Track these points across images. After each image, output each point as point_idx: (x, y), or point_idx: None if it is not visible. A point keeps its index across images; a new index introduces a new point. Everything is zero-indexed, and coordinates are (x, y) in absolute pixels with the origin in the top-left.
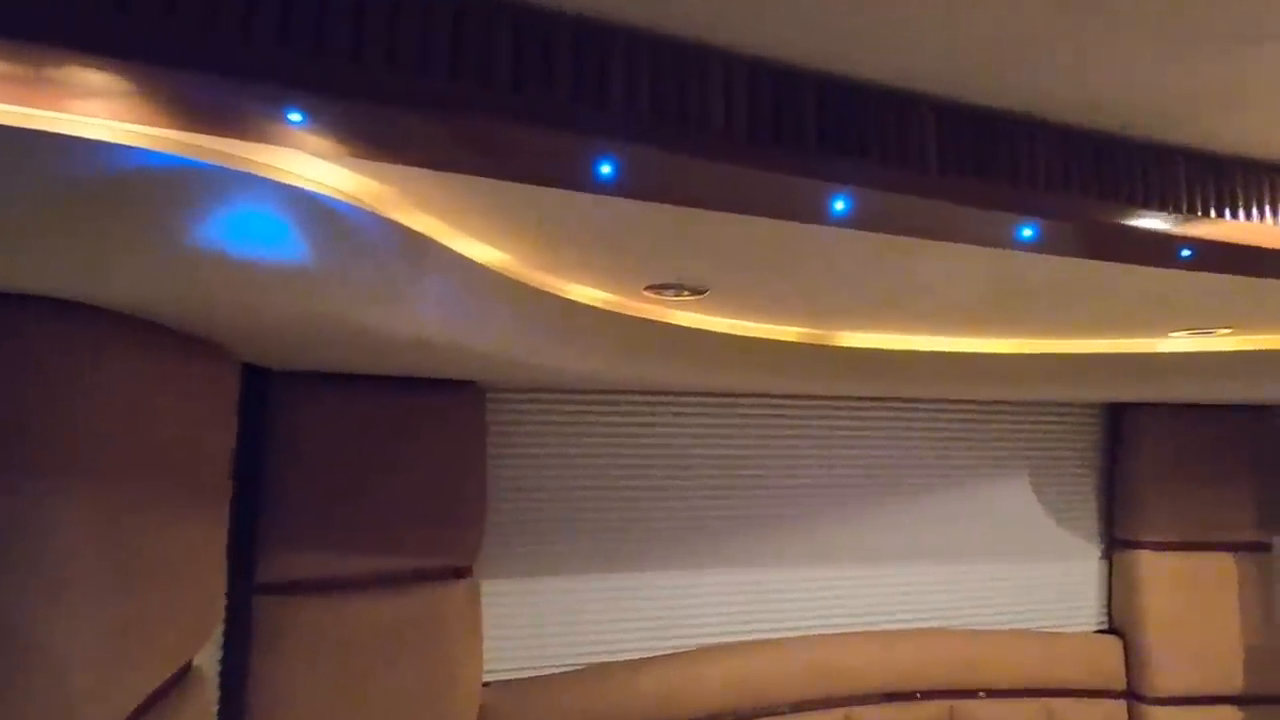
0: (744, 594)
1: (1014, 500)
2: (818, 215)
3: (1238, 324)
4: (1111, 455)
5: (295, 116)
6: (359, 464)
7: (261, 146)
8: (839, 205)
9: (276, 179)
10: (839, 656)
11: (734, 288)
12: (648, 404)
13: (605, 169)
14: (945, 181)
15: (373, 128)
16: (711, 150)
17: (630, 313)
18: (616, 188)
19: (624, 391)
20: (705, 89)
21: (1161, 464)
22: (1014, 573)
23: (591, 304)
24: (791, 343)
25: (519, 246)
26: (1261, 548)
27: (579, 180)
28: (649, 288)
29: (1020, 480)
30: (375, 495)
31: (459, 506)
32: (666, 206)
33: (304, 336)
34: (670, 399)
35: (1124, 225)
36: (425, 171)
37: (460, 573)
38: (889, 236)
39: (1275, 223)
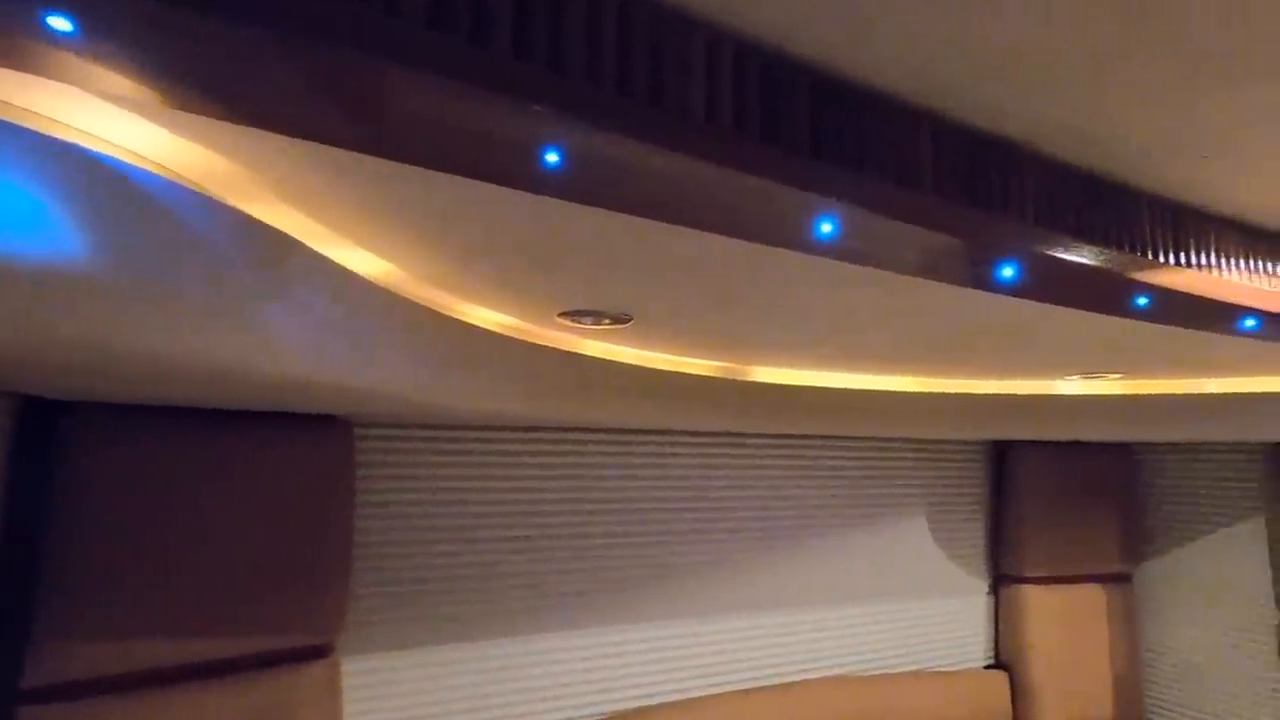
0: (643, 654)
1: (909, 538)
2: (800, 237)
3: (1127, 369)
4: (997, 491)
5: (61, 23)
6: (181, 523)
7: (8, 75)
8: (825, 227)
9: (32, 128)
10: (742, 717)
11: (662, 317)
12: (544, 441)
13: (552, 158)
14: (940, 209)
15: (203, 61)
16: (690, 144)
17: (538, 341)
18: (563, 184)
19: (519, 428)
20: (685, 70)
21: (1041, 499)
22: (910, 613)
23: (493, 330)
24: (707, 377)
25: (412, 256)
26: (1125, 579)
27: (515, 171)
28: (564, 314)
29: (915, 518)
30: (204, 561)
31: (317, 571)
32: (619, 215)
33: (96, 367)
34: (569, 435)
35: (1096, 269)
36: (293, 143)
37: (317, 653)
38: (861, 268)
39: (1222, 276)
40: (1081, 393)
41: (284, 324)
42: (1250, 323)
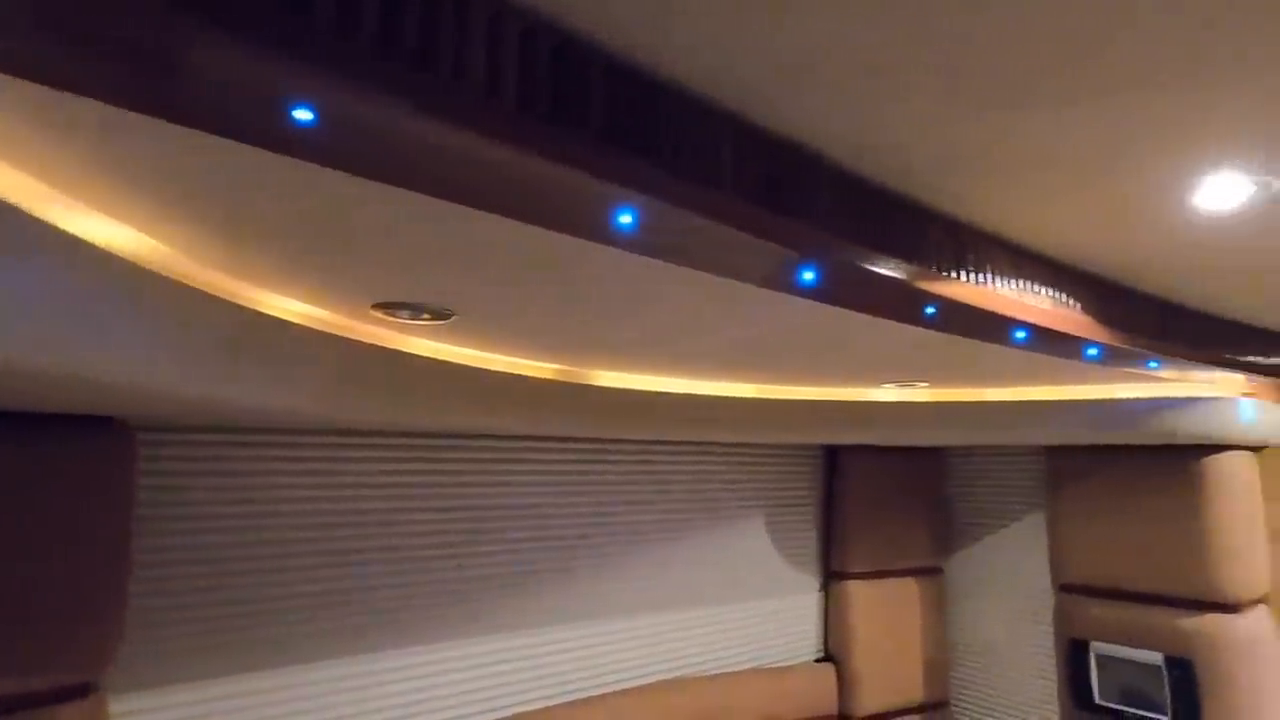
0: (475, 670)
1: (747, 540)
2: (597, 228)
3: (933, 379)
4: (829, 493)
5: None
6: None
7: None
8: (624, 219)
9: None
10: None
11: (486, 313)
12: (366, 447)
13: (303, 115)
14: (738, 208)
15: None
16: (464, 112)
17: (350, 336)
18: (317, 146)
19: (336, 433)
20: (463, 34)
21: (865, 499)
22: (748, 612)
23: (295, 321)
24: (544, 380)
25: (184, 234)
26: (937, 571)
27: (258, 125)
28: (379, 306)
29: (754, 520)
30: None
31: (79, 597)
32: (395, 190)
33: None
34: (392, 440)
35: (889, 278)
36: (12, 86)
37: (76, 692)
38: (668, 266)
39: (996, 291)
40: (895, 400)
41: None
42: (1021, 334)
